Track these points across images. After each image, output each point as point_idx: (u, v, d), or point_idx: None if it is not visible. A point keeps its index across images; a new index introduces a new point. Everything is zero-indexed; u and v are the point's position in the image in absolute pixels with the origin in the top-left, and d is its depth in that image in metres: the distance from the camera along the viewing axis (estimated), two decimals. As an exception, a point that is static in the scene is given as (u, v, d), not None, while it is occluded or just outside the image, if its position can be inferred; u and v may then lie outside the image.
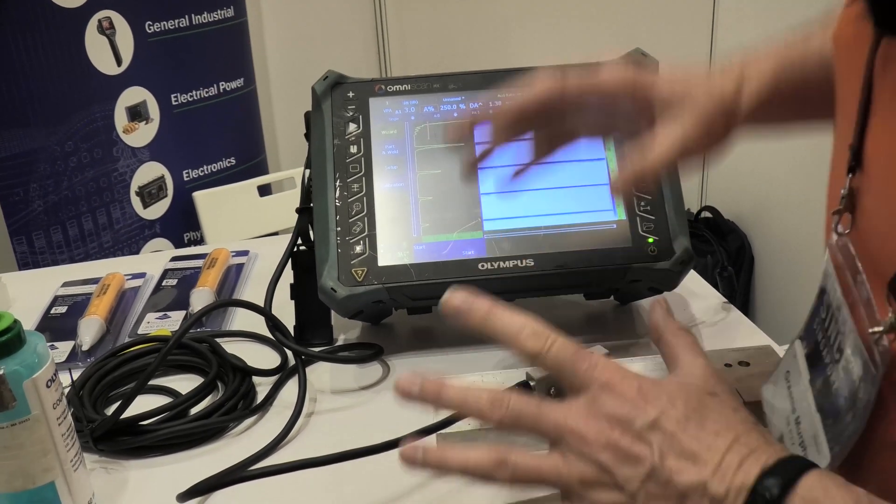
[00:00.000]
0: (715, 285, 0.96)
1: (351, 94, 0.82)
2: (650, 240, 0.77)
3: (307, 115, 0.83)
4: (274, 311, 0.80)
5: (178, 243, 1.88)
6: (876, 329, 0.43)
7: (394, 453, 0.62)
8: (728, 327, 0.83)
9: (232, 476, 0.62)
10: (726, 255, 2.14)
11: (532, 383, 0.65)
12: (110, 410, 0.69)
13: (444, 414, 0.64)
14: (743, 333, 0.82)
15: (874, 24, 0.46)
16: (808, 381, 0.50)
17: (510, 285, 0.76)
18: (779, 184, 2.20)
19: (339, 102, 0.82)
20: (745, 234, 2.31)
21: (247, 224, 1.84)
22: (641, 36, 2.30)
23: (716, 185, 2.49)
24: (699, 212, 2.44)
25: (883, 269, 0.44)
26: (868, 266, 0.46)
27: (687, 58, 2.37)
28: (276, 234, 1.85)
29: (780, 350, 0.73)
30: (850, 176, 0.48)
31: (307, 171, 0.82)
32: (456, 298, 0.49)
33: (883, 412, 0.45)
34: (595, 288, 0.79)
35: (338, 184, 0.79)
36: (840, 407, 0.46)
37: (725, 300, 0.87)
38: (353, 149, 0.80)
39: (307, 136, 0.82)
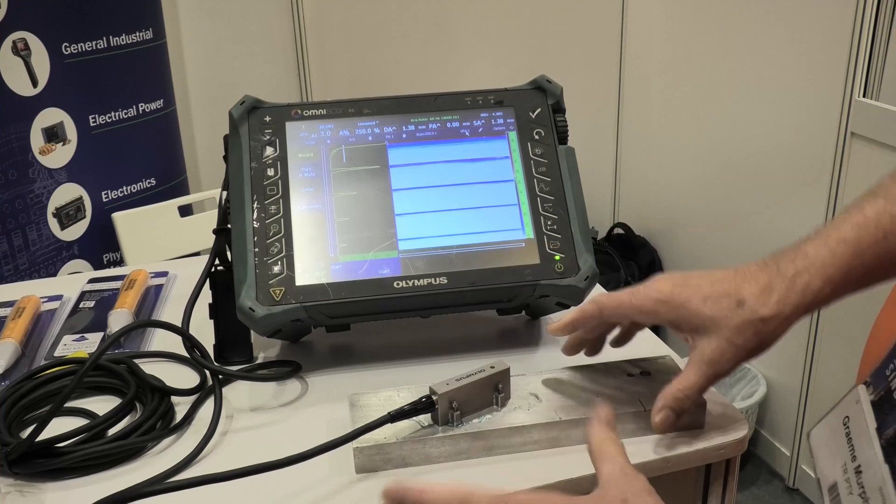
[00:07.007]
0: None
1: (268, 119, 0.84)
2: (557, 257, 0.81)
3: (226, 138, 0.85)
4: (194, 331, 0.81)
5: (97, 265, 1.85)
6: None
7: (300, 466, 0.64)
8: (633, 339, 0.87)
9: (135, 492, 0.63)
10: (638, 269, 2.21)
11: (435, 397, 0.68)
12: (26, 433, 0.69)
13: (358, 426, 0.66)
14: (646, 345, 0.86)
15: None
16: (874, 430, 0.49)
17: (425, 302, 0.79)
18: (687, 200, 2.29)
19: (256, 126, 0.84)
20: (655, 249, 2.39)
21: (168, 244, 1.83)
22: (554, 60, 2.38)
23: (627, 202, 2.57)
24: (612, 228, 2.51)
25: None
26: None
27: (597, 79, 2.46)
28: (197, 254, 1.84)
29: (680, 361, 0.77)
30: None
31: (224, 193, 0.83)
32: (391, 489, 0.53)
33: None
34: (506, 304, 0.82)
35: (255, 206, 0.80)
36: None
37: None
38: (271, 171, 0.82)
39: (226, 158, 0.84)
